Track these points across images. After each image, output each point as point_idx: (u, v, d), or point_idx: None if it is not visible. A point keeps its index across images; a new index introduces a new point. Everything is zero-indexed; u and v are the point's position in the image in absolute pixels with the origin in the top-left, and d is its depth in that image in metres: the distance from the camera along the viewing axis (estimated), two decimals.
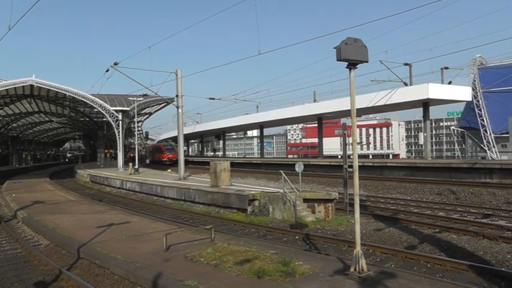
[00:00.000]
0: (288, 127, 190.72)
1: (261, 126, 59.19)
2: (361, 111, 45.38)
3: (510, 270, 10.39)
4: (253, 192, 19.95)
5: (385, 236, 14.58)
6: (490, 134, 53.98)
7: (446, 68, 40.41)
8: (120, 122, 50.37)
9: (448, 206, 20.55)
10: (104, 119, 54.98)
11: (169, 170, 45.21)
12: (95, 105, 49.58)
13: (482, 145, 55.00)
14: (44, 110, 63.99)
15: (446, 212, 19.03)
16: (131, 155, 73.86)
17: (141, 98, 49.91)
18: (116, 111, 50.28)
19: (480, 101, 55.15)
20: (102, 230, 14.21)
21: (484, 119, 54.81)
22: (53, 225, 15.64)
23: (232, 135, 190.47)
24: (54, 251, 13.13)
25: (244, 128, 61.69)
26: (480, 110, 55.07)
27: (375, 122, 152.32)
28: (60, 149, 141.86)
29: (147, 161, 73.43)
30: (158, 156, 69.18)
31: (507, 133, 44.71)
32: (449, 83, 38.30)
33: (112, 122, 50.54)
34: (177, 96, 31.84)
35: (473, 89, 52.06)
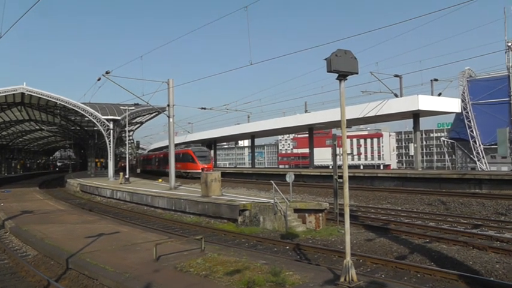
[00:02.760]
0: (279, 137, 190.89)
1: (252, 136, 59.41)
2: (352, 122, 45.73)
3: (498, 279, 10.48)
4: (243, 202, 19.94)
5: (376, 246, 14.61)
6: (480, 145, 54.54)
7: (436, 80, 40.76)
8: (111, 131, 50.11)
9: (438, 216, 20.69)
10: (95, 128, 54.74)
11: (160, 180, 45.06)
12: (86, 114, 49.32)
13: (471, 156, 55.55)
14: (34, 118, 63.53)
15: (436, 222, 19.12)
16: (122, 164, 73.33)
17: (133, 107, 49.79)
18: (107, 120, 50.03)
19: (469, 112, 55.79)
20: (91, 240, 14.07)
21: (474, 130, 55.40)
22: (41, 236, 15.45)
23: (224, 145, 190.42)
24: (43, 261, 12.95)
25: (236, 137, 61.45)
26: (469, 121, 55.71)
27: (366, 132, 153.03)
28: (51, 157, 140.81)
29: (138, 171, 72.75)
30: (185, 167, 52.73)
31: (496, 144, 45.28)
32: (439, 94, 38.63)
33: (103, 131, 50.29)
34: (168, 105, 31.84)
35: (462, 101, 52.72)
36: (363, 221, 19.76)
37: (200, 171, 44.86)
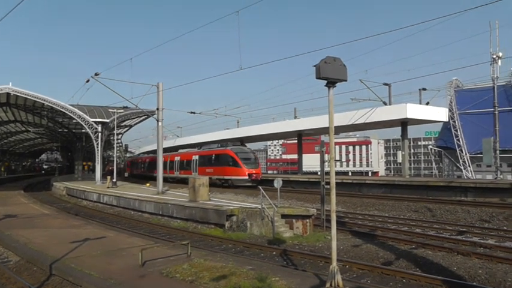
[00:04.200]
0: (268, 143, 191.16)
1: (241, 141, 59.18)
2: (341, 129, 45.91)
3: (481, 284, 10.66)
4: (231, 207, 19.87)
5: (362, 252, 14.67)
6: (466, 154, 55.12)
7: (424, 89, 41.20)
8: (100, 134, 49.82)
9: (425, 223, 20.84)
10: (83, 131, 54.27)
11: (147, 184, 44.82)
12: (74, 116, 48.94)
13: (458, 164, 56.10)
14: (20, 120, 62.76)
15: (422, 228, 19.26)
16: (110, 168, 72.76)
17: (122, 110, 49.60)
18: (96, 122, 49.72)
19: (456, 121, 56.44)
20: (76, 245, 13.89)
21: (460, 139, 56.01)
22: (24, 240, 15.19)
23: None
24: (25, 267, 12.71)
25: (211, 144, 60.73)
26: (456, 130, 56.32)
27: (355, 139, 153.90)
28: (37, 160, 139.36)
29: (126, 175, 72.20)
30: (222, 172, 41.22)
31: (481, 153, 45.82)
32: (427, 103, 38.99)
33: (91, 134, 49.96)
34: (157, 109, 31.77)
35: (449, 110, 53.32)
36: (350, 227, 19.83)
37: (247, 177, 38.96)
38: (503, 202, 25.55)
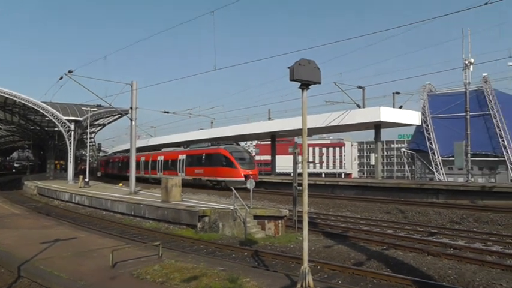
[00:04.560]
0: (242, 144, 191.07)
1: (213, 141, 59.02)
2: (315, 131, 46.28)
3: (450, 284, 10.87)
4: (203, 208, 19.81)
5: (334, 252, 14.78)
6: (438, 157, 56.22)
7: (398, 92, 41.76)
8: (72, 132, 49.00)
9: (396, 224, 21.12)
10: (56, 129, 53.34)
11: (120, 184, 44.28)
12: (46, 114, 48.00)
13: (430, 167, 57.18)
14: None
15: (394, 229, 19.51)
16: (82, 167, 71.66)
17: (95, 109, 48.90)
18: (68, 120, 48.88)
19: (429, 125, 57.55)
20: (47, 246, 13.61)
21: (433, 142, 57.12)
22: None
23: None
24: None
25: (199, 143, 60.30)
26: (429, 134, 57.42)
27: (328, 141, 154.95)
28: (8, 158, 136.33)
29: (99, 174, 71.16)
30: (215, 173, 38.06)
31: (453, 156, 46.87)
32: (401, 107, 39.55)
33: (64, 132, 49.11)
34: (131, 108, 31.45)
35: (423, 114, 54.39)
36: (322, 228, 19.96)
37: (243, 179, 34.68)
38: (473, 204, 26.16)
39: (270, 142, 57.04)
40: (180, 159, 44.38)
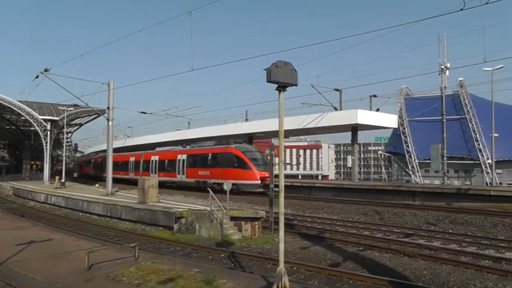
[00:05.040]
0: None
1: (191, 143, 58.73)
2: (292, 133, 46.45)
3: (425, 284, 11.02)
4: (180, 209, 19.70)
5: (310, 254, 14.84)
6: (415, 160, 57.03)
7: (375, 96, 42.29)
8: (49, 132, 48.31)
9: (373, 225, 21.27)
10: (32, 128, 52.60)
11: (96, 185, 43.71)
12: (22, 113, 47.28)
13: (407, 169, 57.97)
14: None
15: (370, 231, 19.66)
16: (59, 167, 70.64)
17: (72, 108, 48.23)
18: (45, 120, 48.20)
19: (406, 128, 58.34)
20: (21, 248, 13.37)
21: (409, 145, 57.92)
22: None
23: None
24: None
25: (175, 144, 59.60)
26: (406, 137, 58.22)
27: (306, 143, 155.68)
28: None
29: (75, 175, 70.19)
30: (226, 175, 33.80)
31: (429, 159, 47.62)
32: (377, 110, 39.96)
33: (40, 132, 48.40)
34: (108, 108, 31.15)
35: (399, 117, 55.18)
36: (299, 229, 20.00)
37: (259, 182, 32.41)
38: (449, 206, 26.65)
39: None
40: (179, 160, 41.00)
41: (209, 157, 37.12)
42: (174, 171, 41.29)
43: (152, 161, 45.98)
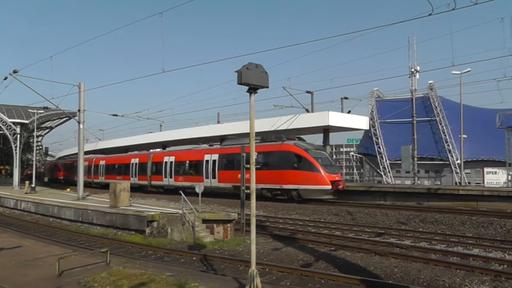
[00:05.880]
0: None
1: (163, 145, 58.23)
2: (264, 135, 46.35)
3: (396, 282, 11.27)
4: (152, 213, 19.57)
5: (282, 255, 14.90)
6: (386, 161, 57.81)
7: (346, 98, 42.69)
8: (18, 135, 47.28)
9: (345, 226, 21.42)
10: (0, 132, 51.30)
11: (68, 190, 42.99)
12: None
13: (378, 170, 58.71)
14: None
15: (342, 231, 19.81)
16: (29, 172, 69.14)
17: (42, 111, 47.31)
18: (14, 123, 47.17)
19: (377, 130, 59.11)
20: None
21: (381, 146, 58.70)
22: None
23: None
24: None
25: (148, 146, 58.59)
26: (377, 138, 58.99)
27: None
28: None
29: (46, 179, 68.78)
30: (284, 178, 29.12)
31: (400, 160, 48.48)
32: (349, 112, 40.35)
33: (9, 136, 47.32)
34: (79, 110, 30.74)
35: (371, 119, 55.83)
36: (271, 231, 20.09)
37: (329, 186, 27.42)
38: (419, 206, 27.23)
39: None
40: (207, 161, 35.12)
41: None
42: (199, 174, 35.66)
43: (166, 162, 40.32)
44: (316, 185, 27.77)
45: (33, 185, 40.23)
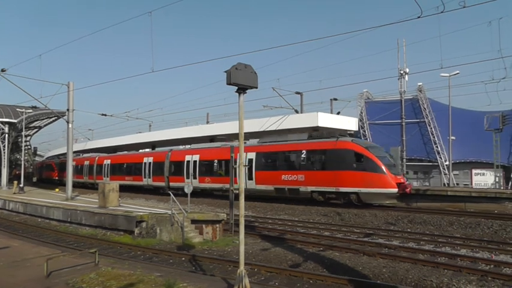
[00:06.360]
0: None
1: (153, 145, 57.93)
2: (253, 135, 46.35)
3: (384, 282, 11.37)
4: (141, 213, 19.52)
5: (271, 255, 14.94)
6: None
7: (335, 99, 42.83)
8: (6, 135, 46.90)
9: (333, 226, 21.52)
10: None
11: (57, 190, 42.74)
12: None
13: None
14: None
15: (331, 232, 19.90)
16: (17, 172, 68.53)
17: (30, 110, 46.95)
18: (2, 123, 46.77)
19: (366, 131, 59.37)
20: None
21: None
22: None
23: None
24: None
25: (137, 146, 58.05)
26: (366, 139, 59.25)
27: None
28: None
29: (34, 180, 68.14)
30: (342, 181, 26.13)
31: None
32: (338, 113, 40.45)
33: None
34: (68, 110, 30.56)
35: (360, 120, 56.09)
36: (260, 231, 20.12)
37: (395, 190, 24.71)
38: (408, 206, 27.38)
39: None
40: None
41: (303, 155, 28.46)
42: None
43: (188, 162, 37.35)
44: (381, 187, 24.93)
45: (21, 185, 39.99)
